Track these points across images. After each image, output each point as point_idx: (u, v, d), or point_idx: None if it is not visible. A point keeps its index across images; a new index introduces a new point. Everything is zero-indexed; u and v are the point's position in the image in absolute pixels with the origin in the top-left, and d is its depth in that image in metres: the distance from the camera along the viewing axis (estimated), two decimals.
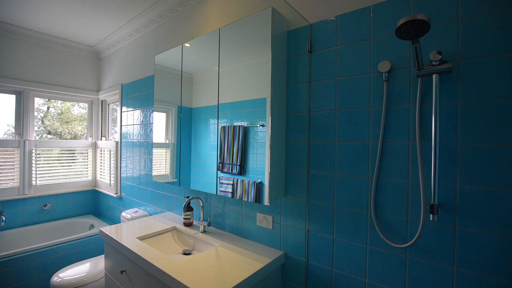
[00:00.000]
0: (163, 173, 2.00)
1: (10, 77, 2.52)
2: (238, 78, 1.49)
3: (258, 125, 1.38)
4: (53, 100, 2.95)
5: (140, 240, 1.50)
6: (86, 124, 3.18)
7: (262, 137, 1.37)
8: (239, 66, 1.47)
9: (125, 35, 2.57)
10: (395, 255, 1.01)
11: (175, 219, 1.86)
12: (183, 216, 1.71)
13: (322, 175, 1.20)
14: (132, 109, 2.50)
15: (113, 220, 2.79)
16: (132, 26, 2.44)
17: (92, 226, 2.72)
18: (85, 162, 3.06)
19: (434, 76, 0.89)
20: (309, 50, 1.25)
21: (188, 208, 1.71)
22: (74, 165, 2.99)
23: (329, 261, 1.18)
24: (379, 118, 1.05)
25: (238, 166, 1.68)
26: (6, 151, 2.53)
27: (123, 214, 2.27)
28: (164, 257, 1.25)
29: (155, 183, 2.20)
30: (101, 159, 3.04)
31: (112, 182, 2.74)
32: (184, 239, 1.63)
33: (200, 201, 1.63)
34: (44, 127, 2.91)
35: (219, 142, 1.62)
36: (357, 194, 1.10)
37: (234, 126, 1.54)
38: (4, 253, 1.99)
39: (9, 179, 2.56)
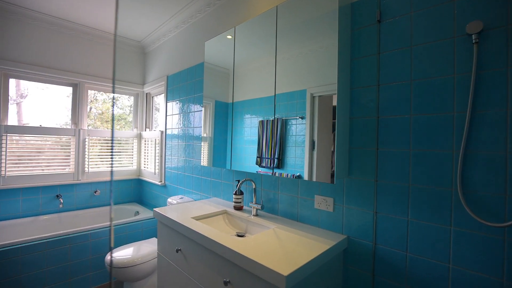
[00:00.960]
0: (205, 164, 2.01)
1: (68, 70, 2.71)
2: (279, 70, 1.48)
3: (298, 118, 1.35)
4: (95, 101, 3.11)
5: (196, 220, 1.51)
6: (123, 122, 3.32)
7: (300, 130, 1.34)
8: (286, 55, 1.46)
9: (171, 27, 2.65)
10: (489, 237, 0.90)
11: (223, 203, 1.85)
12: (233, 199, 1.70)
13: (394, 152, 1.12)
14: (178, 99, 2.56)
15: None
16: (179, 18, 2.50)
17: (137, 213, 2.82)
18: (130, 152, 3.20)
19: None
20: (378, 20, 1.17)
21: (239, 191, 1.70)
22: (121, 155, 3.14)
23: (402, 245, 1.09)
24: (466, 86, 0.95)
25: (276, 160, 1.65)
26: (64, 139, 2.72)
27: (169, 200, 2.32)
28: (224, 235, 1.24)
29: (200, 170, 2.22)
30: (145, 149, 3.16)
31: (156, 170, 2.83)
32: (236, 222, 1.61)
33: (253, 183, 1.60)
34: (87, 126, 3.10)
35: (257, 136, 1.63)
36: (438, 170, 1.00)
37: (272, 119, 1.54)
38: (65, 231, 2.12)
39: (65, 165, 2.73)
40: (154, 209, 1.67)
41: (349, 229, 1.26)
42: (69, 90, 2.80)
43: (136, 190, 3.22)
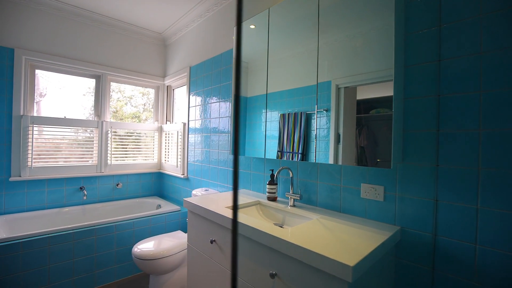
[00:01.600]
0: (229, 158, 1.94)
1: (91, 62, 2.69)
2: (300, 62, 1.45)
3: (323, 110, 1.30)
4: (111, 99, 3.08)
5: (231, 209, 1.43)
6: (137, 120, 3.28)
7: (325, 123, 1.30)
8: (308, 48, 1.41)
9: (194, 17, 2.59)
10: None
11: (253, 195, 1.77)
12: (267, 189, 1.61)
13: (459, 133, 1.01)
14: (202, 89, 2.50)
15: (178, 201, 2.82)
16: (202, 7, 2.44)
17: (159, 206, 2.78)
18: (151, 145, 3.17)
19: None
20: None
21: (275, 180, 1.61)
22: (141, 148, 3.10)
23: (469, 236, 0.98)
24: None
25: (300, 155, 1.56)
26: (87, 131, 2.70)
27: (194, 192, 2.26)
28: (268, 225, 1.16)
29: (226, 161, 2.15)
30: (165, 142, 3.12)
31: (179, 163, 2.78)
32: (271, 213, 1.53)
33: (290, 172, 1.51)
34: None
35: (278, 130, 1.60)
36: None
37: (295, 113, 1.49)
38: (91, 223, 2.08)
39: (89, 157, 2.72)
40: (184, 199, 1.60)
41: (402, 219, 1.15)
42: (88, 85, 2.78)
43: (156, 184, 3.18)
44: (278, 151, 1.63)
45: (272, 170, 1.64)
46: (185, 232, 2.33)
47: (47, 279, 1.86)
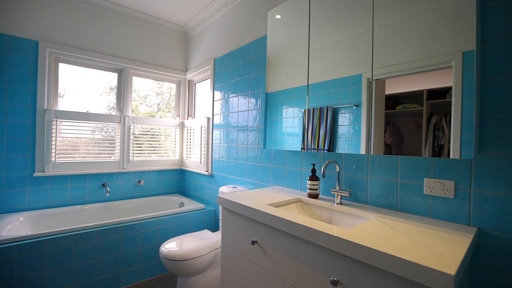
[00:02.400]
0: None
1: (114, 55, 2.62)
2: (330, 53, 1.39)
3: (353, 105, 1.23)
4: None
5: (274, 207, 1.30)
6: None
7: (355, 119, 1.23)
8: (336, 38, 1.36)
9: (220, 6, 2.48)
10: None
11: (289, 192, 1.64)
12: (308, 186, 1.47)
13: None
14: (228, 81, 2.38)
15: (202, 199, 2.72)
16: None
17: (182, 204, 2.69)
18: (172, 141, 3.08)
19: None
20: None
21: (314, 177, 1.47)
22: (163, 145, 3.02)
23: None
24: None
25: (325, 152, 1.44)
26: (109, 126, 2.64)
27: (221, 189, 2.15)
28: (326, 225, 1.02)
29: (256, 157, 2.02)
30: (187, 138, 3.03)
31: (202, 159, 2.67)
32: (314, 212, 1.39)
33: (337, 166, 1.37)
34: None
35: (302, 126, 1.53)
36: None
37: (320, 108, 1.40)
38: (115, 220, 2.00)
39: (111, 153, 2.65)
40: (218, 195, 1.48)
41: (480, 219, 0.99)
42: (108, 79, 2.72)
43: (178, 181, 3.09)
44: (302, 148, 1.55)
45: (314, 165, 1.50)
46: (213, 231, 2.22)
47: (72, 278, 1.79)
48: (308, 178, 1.48)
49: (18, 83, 2.16)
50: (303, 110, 1.52)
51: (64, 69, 2.45)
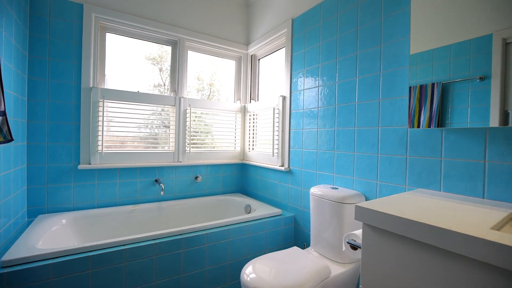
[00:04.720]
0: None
1: (167, 23, 2.14)
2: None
3: (477, 78, 0.91)
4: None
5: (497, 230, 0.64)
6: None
7: (481, 97, 0.91)
8: None
9: None
10: None
11: (465, 200, 0.95)
12: None
13: None
14: (317, 43, 1.74)
15: (273, 201, 2.14)
16: None
17: (249, 207, 2.13)
18: (232, 130, 2.53)
19: None
20: None
21: None
22: (222, 134, 2.49)
23: None
24: None
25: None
26: (164, 109, 2.17)
27: (313, 190, 1.53)
28: None
29: (373, 145, 1.36)
30: (250, 126, 2.46)
31: (275, 151, 2.08)
32: None
33: None
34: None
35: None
36: None
37: (420, 85, 1.07)
38: (175, 230, 1.49)
39: (165, 143, 2.19)
40: (357, 204, 0.86)
41: None
42: (155, 54, 2.25)
43: (238, 178, 2.55)
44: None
45: None
46: (302, 248, 1.60)
47: None
48: None
49: (61, 55, 1.76)
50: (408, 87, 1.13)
51: (110, 40, 2.02)
